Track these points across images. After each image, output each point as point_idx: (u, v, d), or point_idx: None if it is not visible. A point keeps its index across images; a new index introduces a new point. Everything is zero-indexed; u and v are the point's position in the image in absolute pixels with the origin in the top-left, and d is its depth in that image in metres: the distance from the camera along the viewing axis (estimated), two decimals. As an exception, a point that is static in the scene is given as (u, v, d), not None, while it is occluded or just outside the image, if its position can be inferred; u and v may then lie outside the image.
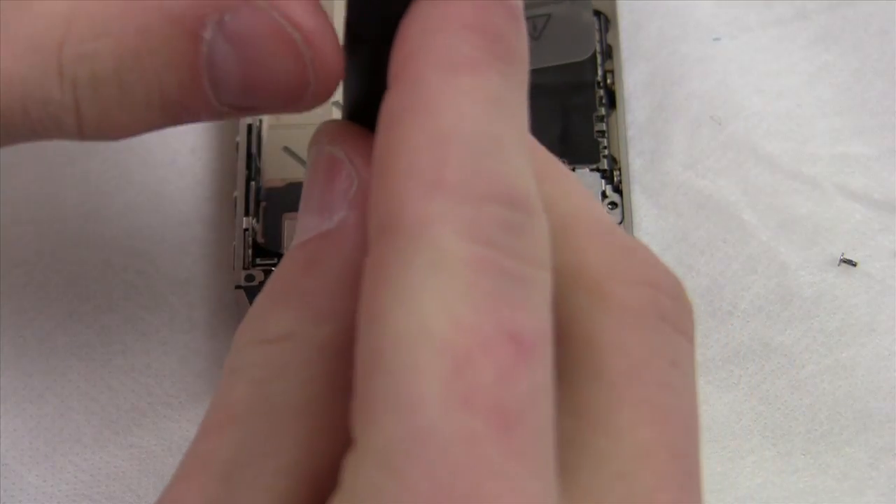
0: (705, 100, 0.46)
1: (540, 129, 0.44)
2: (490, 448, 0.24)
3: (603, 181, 0.44)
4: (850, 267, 0.43)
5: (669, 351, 0.28)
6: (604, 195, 0.44)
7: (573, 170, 0.44)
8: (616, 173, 0.44)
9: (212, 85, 0.30)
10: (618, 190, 0.44)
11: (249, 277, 0.42)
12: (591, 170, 0.44)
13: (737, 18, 0.48)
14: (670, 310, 0.28)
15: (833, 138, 0.46)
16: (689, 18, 0.48)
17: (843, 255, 0.43)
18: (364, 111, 0.31)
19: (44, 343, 0.42)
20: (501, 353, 0.24)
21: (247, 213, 0.43)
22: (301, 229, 0.30)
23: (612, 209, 0.43)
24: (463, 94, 0.26)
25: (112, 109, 0.30)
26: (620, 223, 0.43)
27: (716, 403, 0.42)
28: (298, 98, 0.31)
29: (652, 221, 0.45)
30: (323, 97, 0.31)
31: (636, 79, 0.47)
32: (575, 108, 0.45)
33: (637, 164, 0.45)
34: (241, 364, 0.29)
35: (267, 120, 0.44)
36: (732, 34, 0.48)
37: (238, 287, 0.42)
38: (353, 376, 0.25)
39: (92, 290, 0.43)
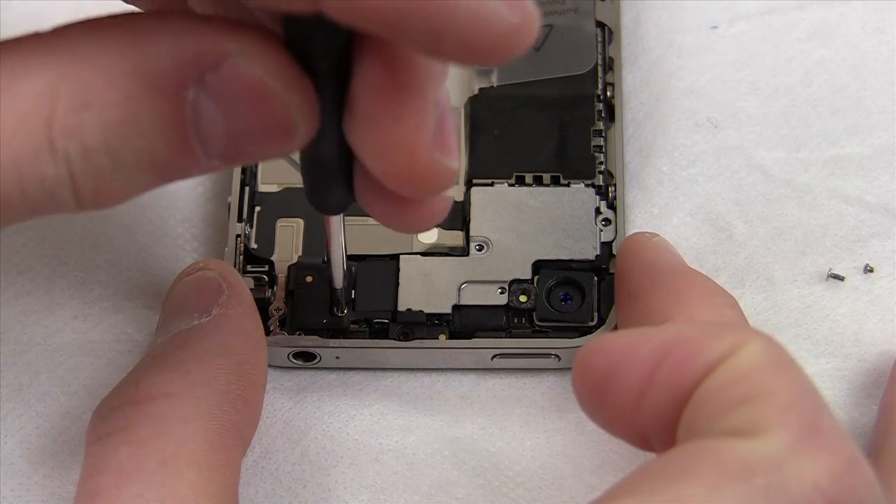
0: (701, 96, 0.46)
1: (535, 142, 0.44)
2: None
3: (597, 197, 0.43)
4: (838, 281, 0.44)
5: None
6: (598, 211, 0.43)
7: (567, 185, 0.44)
8: (611, 189, 0.44)
9: (199, 142, 0.31)
10: (612, 206, 0.43)
11: None
12: (586, 185, 0.43)
13: (734, 5, 0.48)
14: None
15: (827, 140, 0.46)
16: (688, 6, 0.48)
17: (830, 270, 0.44)
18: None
19: (50, 341, 0.43)
20: None
21: (240, 220, 0.43)
22: (176, 326, 0.38)
23: (605, 226, 0.43)
24: None
25: (106, 178, 0.30)
26: (613, 241, 0.43)
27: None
28: (286, 144, 0.31)
29: (646, 220, 0.45)
30: (309, 138, 0.32)
31: (635, 75, 0.47)
32: (573, 122, 0.44)
33: (635, 162, 0.45)
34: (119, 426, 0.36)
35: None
36: (729, 21, 0.48)
37: None
38: None
39: (98, 289, 0.44)
